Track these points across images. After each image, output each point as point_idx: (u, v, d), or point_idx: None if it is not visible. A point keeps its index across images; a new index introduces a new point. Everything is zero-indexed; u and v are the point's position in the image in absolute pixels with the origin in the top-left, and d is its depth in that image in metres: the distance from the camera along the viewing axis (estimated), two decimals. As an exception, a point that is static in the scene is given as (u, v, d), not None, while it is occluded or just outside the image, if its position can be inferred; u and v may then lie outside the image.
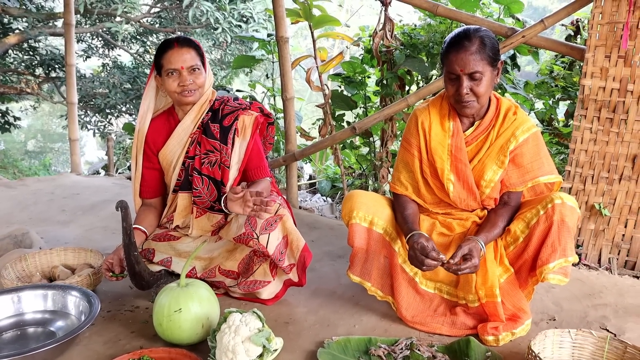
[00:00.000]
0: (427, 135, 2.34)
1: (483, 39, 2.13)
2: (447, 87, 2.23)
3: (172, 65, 2.39)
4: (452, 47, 2.14)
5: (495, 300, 2.17)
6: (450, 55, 2.14)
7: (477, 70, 2.11)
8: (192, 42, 2.46)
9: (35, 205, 4.25)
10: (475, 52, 2.10)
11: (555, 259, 2.07)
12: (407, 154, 2.42)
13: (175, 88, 2.41)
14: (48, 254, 2.78)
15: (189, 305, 2.05)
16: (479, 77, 2.13)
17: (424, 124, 2.36)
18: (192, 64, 2.41)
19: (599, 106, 2.92)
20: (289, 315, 2.41)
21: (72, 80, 5.52)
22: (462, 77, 2.13)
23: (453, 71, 2.14)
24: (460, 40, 2.13)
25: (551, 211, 2.09)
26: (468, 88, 2.14)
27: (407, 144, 2.42)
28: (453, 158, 2.30)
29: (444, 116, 2.34)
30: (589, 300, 2.60)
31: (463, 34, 2.14)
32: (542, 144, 2.29)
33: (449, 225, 2.38)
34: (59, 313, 2.28)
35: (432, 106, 2.38)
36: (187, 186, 2.55)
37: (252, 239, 2.31)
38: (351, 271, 2.42)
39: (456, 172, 2.30)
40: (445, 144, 2.31)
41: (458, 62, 2.12)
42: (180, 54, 2.39)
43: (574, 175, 3.04)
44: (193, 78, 2.41)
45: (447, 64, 2.17)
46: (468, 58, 2.10)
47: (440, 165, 2.31)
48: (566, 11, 3.04)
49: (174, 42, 2.43)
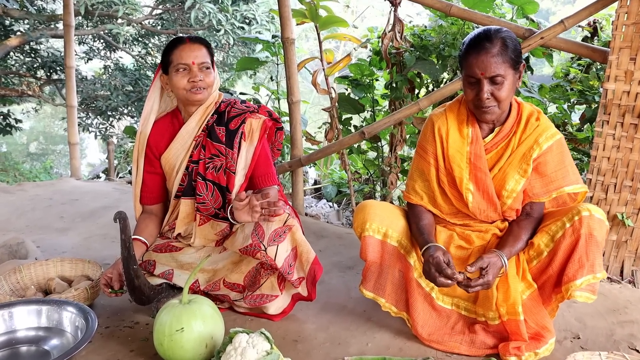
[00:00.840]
0: (445, 142, 2.21)
1: (505, 40, 1.99)
2: (466, 91, 2.09)
3: (182, 60, 2.30)
4: (472, 48, 2.01)
5: (518, 319, 2.03)
6: (470, 58, 2.01)
7: (499, 73, 1.98)
8: (204, 40, 2.39)
9: (33, 212, 4.12)
10: (497, 55, 1.97)
11: (582, 275, 1.95)
12: (423, 161, 2.28)
13: (184, 84, 2.30)
14: (44, 265, 2.66)
15: (192, 324, 1.92)
16: (501, 80, 1.99)
17: (441, 130, 2.22)
18: (203, 60, 2.32)
19: (622, 111, 2.78)
20: (298, 333, 2.28)
21: (71, 83, 5.39)
22: (482, 80, 2.00)
23: (473, 74, 2.01)
24: (480, 41, 2.00)
25: (578, 224, 1.96)
26: (489, 92, 2.01)
27: (422, 151, 2.29)
28: (472, 166, 2.17)
29: (462, 122, 2.20)
30: (613, 316, 2.47)
31: (484, 35, 2.01)
32: (566, 151, 2.16)
33: (467, 238, 2.24)
34: (54, 330, 2.15)
35: (449, 111, 2.25)
36: (190, 192, 2.42)
37: (260, 251, 2.18)
38: (364, 286, 2.29)
39: (475, 181, 2.17)
40: (464, 152, 2.18)
41: (478, 65, 1.98)
42: (191, 50, 2.31)
43: (595, 183, 2.90)
44: (203, 76, 2.32)
45: (466, 67, 2.04)
46: (489, 60, 1.97)
47: (459, 174, 2.17)
48: (588, 11, 2.90)
49: (185, 38, 2.35)
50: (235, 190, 2.38)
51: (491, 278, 1.96)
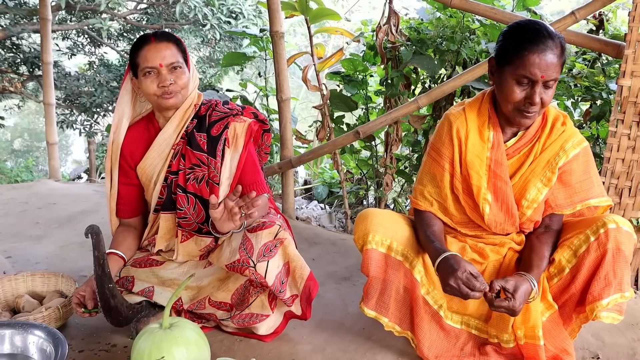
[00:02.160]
0: (463, 146, 1.99)
1: (562, 41, 1.81)
2: (510, 89, 1.83)
3: (149, 62, 2.04)
4: (534, 45, 1.77)
5: (538, 343, 1.85)
6: (531, 56, 1.76)
7: (556, 77, 1.79)
8: (172, 37, 2.11)
9: (6, 217, 3.88)
10: (558, 57, 1.78)
11: (610, 294, 1.77)
12: (436, 165, 2.07)
13: (154, 90, 2.05)
14: (13, 280, 2.44)
15: (174, 352, 1.71)
16: (552, 84, 1.80)
17: (460, 132, 2.00)
18: (173, 60, 2.06)
19: (638, 110, 2.60)
20: (291, 355, 2.08)
21: (49, 80, 5.11)
22: (539, 82, 1.77)
23: (532, 75, 1.77)
24: (544, 39, 1.77)
25: (604, 237, 1.78)
26: (539, 96, 1.79)
27: (436, 154, 2.07)
28: (492, 174, 1.96)
29: (483, 123, 1.99)
30: (633, 332, 2.29)
31: (547, 33, 1.78)
32: (592, 160, 1.97)
33: (481, 251, 2.04)
34: (19, 357, 1.90)
35: (469, 110, 2.02)
36: (170, 206, 2.20)
37: (248, 268, 1.97)
38: (365, 304, 2.06)
39: (494, 190, 1.96)
40: (484, 157, 1.97)
41: (541, 66, 1.75)
42: (158, 50, 2.04)
43: (608, 186, 2.71)
44: (174, 77, 2.06)
45: (521, 65, 1.78)
46: (553, 62, 1.76)
47: (477, 182, 1.96)
48: (601, 2, 2.71)
49: (150, 37, 2.08)
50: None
51: (518, 304, 1.74)
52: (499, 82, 1.88)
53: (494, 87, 1.94)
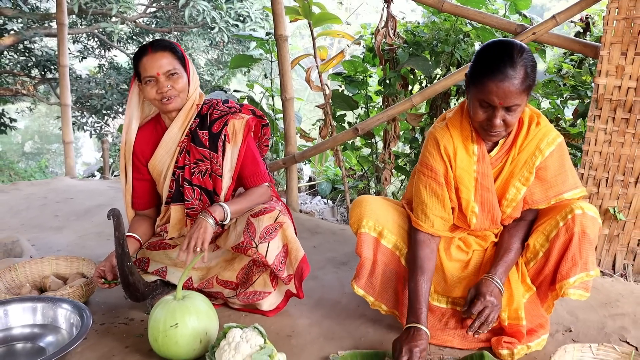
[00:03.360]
0: (453, 162, 2.09)
1: (526, 67, 1.82)
2: (475, 111, 1.93)
3: (147, 72, 2.25)
4: (493, 74, 1.82)
5: (520, 324, 2.03)
6: (489, 84, 1.83)
7: (516, 103, 1.85)
8: (168, 45, 2.31)
9: (28, 211, 4.12)
10: (519, 84, 1.81)
11: (576, 273, 1.95)
12: (434, 183, 2.13)
13: (154, 95, 2.28)
14: (39, 263, 2.67)
15: (186, 320, 1.93)
16: (515, 108, 1.87)
17: (447, 149, 2.09)
18: (169, 68, 2.26)
19: (614, 106, 2.80)
20: (292, 328, 2.29)
21: (65, 81, 5.38)
22: (498, 108, 1.86)
23: (490, 101, 1.85)
24: (504, 67, 1.81)
25: (571, 222, 1.95)
26: (501, 119, 1.89)
27: (431, 172, 2.13)
28: (479, 186, 2.08)
29: (467, 139, 2.08)
30: (605, 309, 2.49)
31: (507, 58, 1.82)
32: (566, 154, 2.09)
33: (465, 240, 2.24)
34: (49, 327, 2.15)
35: (452, 127, 2.10)
36: (179, 198, 2.42)
37: (251, 248, 2.19)
38: (356, 282, 2.26)
39: (481, 201, 2.09)
40: (471, 171, 2.08)
41: (498, 94, 1.82)
42: (154, 60, 2.25)
43: (587, 178, 2.92)
44: (171, 83, 2.27)
45: (482, 91, 1.86)
46: (511, 91, 1.82)
47: (466, 196, 2.09)
48: (580, 6, 2.91)
49: (148, 47, 2.29)
50: (223, 193, 2.37)
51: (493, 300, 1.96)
52: (469, 98, 1.98)
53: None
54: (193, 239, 2.16)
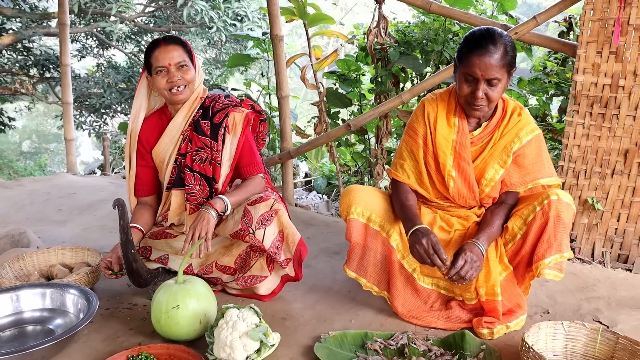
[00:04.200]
0: (432, 128, 2.35)
1: (506, 45, 2.09)
2: (460, 86, 2.19)
3: (159, 62, 2.43)
4: (476, 48, 2.09)
5: (496, 299, 2.18)
6: (473, 57, 2.09)
7: (497, 76, 2.09)
8: (179, 40, 2.50)
9: (32, 205, 4.25)
10: (499, 59, 2.07)
11: (551, 254, 2.09)
12: (413, 142, 2.41)
13: (164, 85, 2.45)
14: (46, 253, 2.79)
15: (187, 302, 2.07)
16: (496, 83, 2.11)
17: (430, 116, 2.36)
18: (180, 60, 2.45)
19: (591, 102, 2.95)
20: (286, 311, 2.43)
21: (67, 80, 5.53)
22: (480, 81, 2.11)
23: (473, 74, 2.11)
24: (486, 43, 2.08)
25: (547, 207, 2.10)
26: (484, 92, 2.12)
27: (412, 132, 2.42)
28: (456, 155, 2.31)
29: (450, 111, 2.33)
30: (582, 293, 2.63)
31: (489, 37, 2.09)
32: (543, 146, 2.31)
33: (448, 221, 2.39)
34: (58, 311, 2.29)
35: (440, 100, 2.38)
36: (180, 183, 2.57)
37: (248, 234, 2.33)
38: (348, 266, 2.43)
39: (458, 168, 2.31)
40: (450, 140, 2.31)
41: (480, 66, 2.08)
42: (167, 51, 2.44)
43: (567, 170, 3.06)
44: (181, 74, 2.45)
45: (466, 65, 2.12)
46: (491, 63, 2.06)
47: (443, 160, 2.32)
48: (558, 8, 3.06)
49: (161, 40, 2.48)
50: (222, 181, 2.53)
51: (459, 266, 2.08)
52: (456, 79, 2.24)
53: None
54: (197, 230, 2.31)
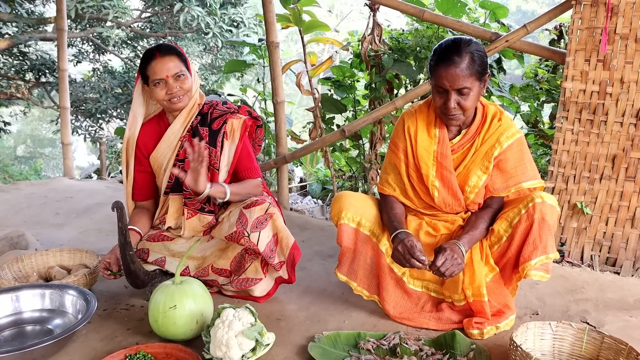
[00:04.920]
0: (413, 141, 2.39)
1: (473, 54, 2.13)
2: (434, 98, 2.24)
3: (157, 75, 2.45)
4: (441, 61, 2.14)
5: (483, 300, 2.23)
6: (440, 69, 2.15)
7: (466, 86, 2.13)
8: (173, 50, 2.51)
9: (29, 209, 4.29)
10: (465, 69, 2.11)
11: (536, 255, 2.14)
12: (395, 156, 2.46)
13: (163, 97, 2.48)
14: (44, 255, 2.83)
15: (184, 302, 2.11)
16: (467, 92, 2.15)
17: (410, 129, 2.40)
18: (177, 71, 2.46)
19: (579, 108, 3.02)
20: (281, 312, 2.48)
21: (64, 85, 5.57)
22: (450, 91, 2.15)
23: (441, 85, 2.16)
24: (450, 54, 2.13)
25: (532, 210, 2.15)
26: (455, 102, 2.17)
27: (394, 147, 2.47)
28: (438, 165, 2.35)
29: (430, 123, 2.38)
30: (571, 295, 2.69)
31: (454, 48, 2.14)
32: (525, 149, 2.34)
33: (434, 226, 2.44)
34: (57, 311, 2.33)
35: (419, 112, 2.42)
36: (178, 188, 2.61)
37: (243, 237, 2.38)
38: (339, 270, 2.49)
39: (441, 178, 2.35)
40: (431, 151, 2.36)
41: (447, 78, 2.13)
42: (163, 63, 2.45)
43: (556, 175, 3.13)
44: (179, 84, 2.47)
45: (435, 77, 2.18)
46: (457, 74, 2.11)
47: (426, 172, 2.36)
48: (548, 17, 3.14)
49: (155, 52, 2.48)
50: None
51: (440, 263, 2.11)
52: (431, 91, 2.27)
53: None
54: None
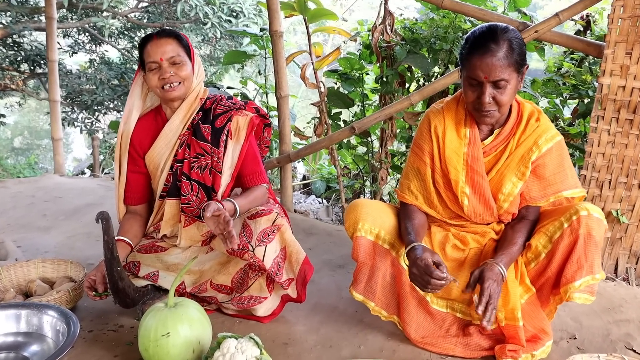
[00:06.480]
0: (441, 142, 2.13)
1: (511, 42, 1.87)
2: (466, 92, 1.99)
3: (151, 57, 2.21)
4: (476, 49, 1.89)
5: (517, 324, 1.97)
6: (474, 59, 1.89)
7: (503, 77, 1.87)
8: (173, 33, 2.27)
9: (15, 210, 4.03)
10: (503, 58, 1.86)
11: (581, 276, 1.90)
12: (419, 160, 2.20)
13: (156, 82, 2.22)
14: (25, 267, 2.58)
15: (178, 329, 1.85)
16: (504, 85, 1.89)
17: (437, 129, 2.14)
18: (173, 54, 2.22)
19: (617, 106, 2.74)
20: (288, 335, 2.22)
21: (54, 77, 5.27)
22: (485, 84, 1.90)
23: (476, 77, 1.90)
24: (486, 42, 1.87)
25: (576, 224, 1.90)
26: (491, 96, 1.91)
27: (418, 150, 2.21)
28: (469, 169, 2.09)
29: (459, 122, 2.12)
30: (609, 315, 2.43)
31: (490, 35, 1.89)
32: (566, 153, 2.09)
33: (463, 239, 2.18)
34: (34, 335, 2.07)
35: (446, 110, 2.16)
36: (175, 192, 2.34)
37: (247, 252, 2.11)
38: (354, 288, 2.21)
39: (472, 184, 2.09)
40: (461, 153, 2.10)
41: (482, 68, 1.87)
42: (159, 45, 2.21)
43: (589, 180, 2.86)
44: (174, 70, 2.22)
45: (468, 68, 1.92)
46: (494, 64, 1.86)
47: (455, 177, 2.10)
48: (583, 4, 2.85)
49: (153, 35, 2.25)
50: (222, 191, 2.30)
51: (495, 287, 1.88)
52: (462, 84, 2.02)
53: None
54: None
